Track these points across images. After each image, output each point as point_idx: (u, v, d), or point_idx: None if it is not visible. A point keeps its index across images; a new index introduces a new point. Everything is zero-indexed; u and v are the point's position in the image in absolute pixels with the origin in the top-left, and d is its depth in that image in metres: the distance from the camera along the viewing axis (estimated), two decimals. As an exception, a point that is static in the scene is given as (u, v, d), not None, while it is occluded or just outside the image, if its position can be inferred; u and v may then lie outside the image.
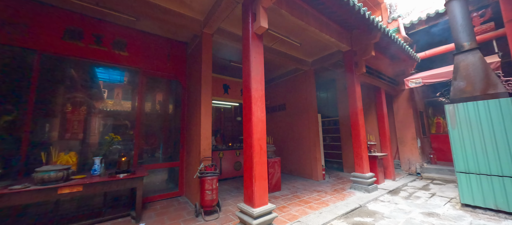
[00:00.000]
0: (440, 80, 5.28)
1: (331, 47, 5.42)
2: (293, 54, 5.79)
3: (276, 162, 4.77)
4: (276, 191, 4.68)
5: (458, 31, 3.90)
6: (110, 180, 2.81)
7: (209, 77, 3.85)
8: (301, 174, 6.27)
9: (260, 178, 2.62)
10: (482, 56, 3.59)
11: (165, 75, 4.53)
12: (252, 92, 2.74)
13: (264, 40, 4.97)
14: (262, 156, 2.69)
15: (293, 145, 6.66)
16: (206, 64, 3.83)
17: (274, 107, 7.62)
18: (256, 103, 2.74)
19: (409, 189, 4.88)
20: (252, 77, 2.77)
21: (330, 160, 7.79)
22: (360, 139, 4.71)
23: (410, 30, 6.90)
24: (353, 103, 4.88)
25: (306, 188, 4.98)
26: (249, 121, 2.73)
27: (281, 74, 7.28)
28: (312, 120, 6.03)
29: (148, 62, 4.26)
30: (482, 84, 3.45)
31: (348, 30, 4.97)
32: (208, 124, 3.69)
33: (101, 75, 4.18)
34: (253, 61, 2.82)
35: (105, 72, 4.14)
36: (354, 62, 5.01)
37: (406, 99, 6.89)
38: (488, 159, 3.26)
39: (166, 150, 4.67)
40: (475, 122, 3.40)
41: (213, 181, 3.25)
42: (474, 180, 3.36)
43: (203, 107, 3.69)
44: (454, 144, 3.58)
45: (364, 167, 4.63)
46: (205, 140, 3.63)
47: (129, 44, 4.05)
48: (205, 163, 3.48)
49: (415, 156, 6.56)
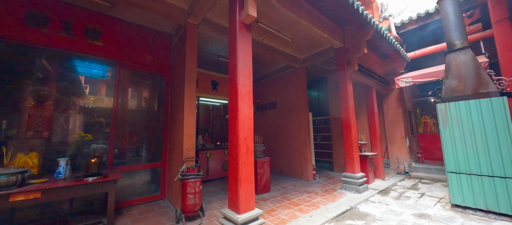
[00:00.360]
0: (429, 79, 5.28)
1: (323, 44, 5.27)
2: (285, 50, 5.59)
3: (266, 162, 4.56)
4: (265, 192, 4.47)
5: (450, 30, 3.85)
6: (76, 185, 2.47)
7: (193, 72, 3.55)
8: (292, 174, 6.11)
9: (246, 180, 2.39)
10: (473, 55, 3.55)
11: (146, 69, 4.17)
12: (239, 87, 2.49)
13: (254, 34, 4.73)
14: (249, 157, 2.46)
15: (283, 144, 6.49)
16: (190, 57, 3.54)
17: (265, 105, 7.41)
18: (243, 99, 2.50)
19: (399, 188, 4.85)
20: (238, 70, 2.52)
21: (320, 160, 7.70)
22: (351, 138, 4.59)
23: (400, 29, 6.91)
24: (345, 102, 4.76)
25: (296, 188, 4.81)
26: (235, 118, 2.49)
27: (272, 71, 7.07)
28: (303, 119, 5.87)
29: (126, 54, 3.89)
30: (473, 83, 3.40)
31: (340, 26, 4.84)
32: (191, 122, 3.41)
33: (82, 69, 3.80)
34: (240, 53, 2.57)
35: (85, 66, 3.74)
36: (346, 60, 4.88)
37: (395, 98, 6.90)
38: (478, 159, 3.21)
39: (150, 150, 4.32)
40: (466, 121, 3.35)
41: (196, 184, 2.98)
42: (464, 180, 3.32)
43: (186, 104, 3.40)
44: (445, 144, 3.52)
45: (355, 167, 4.53)
46: (189, 139, 3.35)
47: (104, 33, 3.66)
48: (187, 164, 3.20)
49: (404, 155, 6.59)
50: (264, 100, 7.47)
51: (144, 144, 4.30)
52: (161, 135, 4.24)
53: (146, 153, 4.25)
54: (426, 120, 7.67)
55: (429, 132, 7.48)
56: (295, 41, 5.10)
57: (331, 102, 7.31)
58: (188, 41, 3.52)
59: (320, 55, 5.64)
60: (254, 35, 4.75)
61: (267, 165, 4.58)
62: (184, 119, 3.35)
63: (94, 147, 3.60)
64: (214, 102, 7.43)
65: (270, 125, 7.09)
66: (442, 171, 5.83)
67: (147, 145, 4.28)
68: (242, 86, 2.52)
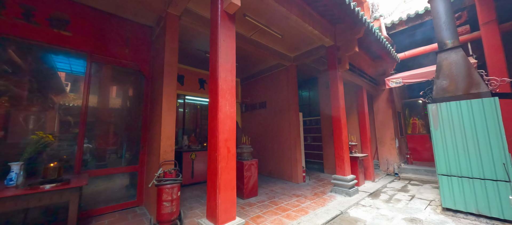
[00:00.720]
0: (420, 80, 5.24)
1: (314, 42, 5.10)
2: (275, 48, 5.38)
3: (253, 164, 4.32)
4: (252, 196, 4.23)
5: (441, 29, 3.78)
6: (28, 194, 2.12)
7: (173, 66, 3.26)
8: (281, 176, 5.91)
9: (227, 187, 2.14)
10: (464, 54, 3.48)
11: (123, 64, 3.82)
12: (220, 83, 2.24)
13: (242, 29, 4.49)
14: (230, 161, 2.20)
15: (273, 145, 6.28)
16: (171, 51, 3.24)
17: (255, 105, 7.17)
18: (224, 97, 2.25)
19: (389, 191, 4.75)
20: (220, 64, 2.27)
21: (311, 161, 7.56)
22: (342, 139, 4.45)
23: (390, 30, 6.89)
24: (336, 101, 4.61)
25: (285, 192, 4.61)
26: (215, 117, 2.23)
27: (262, 70, 6.85)
28: (293, 119, 5.69)
29: (99, 47, 3.53)
30: (465, 83, 3.33)
31: (332, 23, 4.69)
32: (170, 121, 3.11)
33: (61, 65, 3.42)
34: (222, 45, 2.32)
35: (58, 59, 3.35)
36: (338, 58, 4.74)
37: (386, 99, 6.87)
38: (470, 161, 3.13)
39: (128, 152, 3.96)
40: (457, 122, 3.27)
41: (173, 190, 2.69)
42: (455, 183, 3.23)
43: (165, 101, 3.10)
44: (437, 145, 3.43)
45: (346, 169, 4.38)
46: (167, 140, 3.05)
47: (73, 22, 3.29)
48: (165, 168, 2.90)
49: (393, 156, 6.56)
50: (253, 100, 7.24)
51: (122, 146, 3.94)
52: (140, 135, 3.90)
53: (123, 155, 3.90)
54: (414, 121, 7.71)
55: (418, 133, 7.52)
56: (285, 38, 4.90)
57: (322, 102, 7.18)
58: (168, 32, 3.22)
59: (311, 53, 5.47)
60: (242, 30, 4.51)
61: (254, 167, 4.34)
62: (162, 118, 3.05)
63: (52, 149, 3.21)
64: (202, 101, 7.11)
65: (260, 125, 6.86)
66: (430, 172, 5.82)
67: (124, 147, 3.92)
68: (223, 82, 2.27)
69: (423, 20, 6.19)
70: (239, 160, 4.28)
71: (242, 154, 4.35)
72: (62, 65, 3.45)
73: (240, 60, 6.07)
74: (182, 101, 6.58)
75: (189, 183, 5.27)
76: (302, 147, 5.79)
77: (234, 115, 2.33)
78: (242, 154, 4.35)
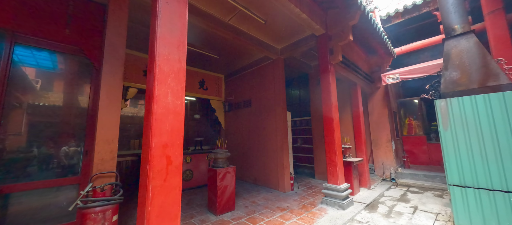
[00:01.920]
0: (420, 75, 4.71)
1: (303, 30, 4.47)
2: (258, 37, 4.72)
3: (229, 172, 3.61)
4: (228, 212, 3.51)
5: (448, 12, 3.23)
6: None
7: (118, 49, 2.53)
8: (267, 183, 5.22)
9: (164, 219, 1.42)
10: (478, 41, 2.93)
11: (62, 48, 3.02)
12: (158, 62, 1.53)
13: (219, 12, 3.81)
14: (172, 177, 1.49)
15: (258, 148, 5.59)
16: (115, 28, 2.52)
17: (239, 103, 6.47)
18: (165, 82, 1.54)
19: (388, 201, 4.15)
20: (158, 35, 1.56)
21: (301, 165, 6.92)
22: (334, 142, 3.82)
23: (386, 23, 6.39)
24: (327, 98, 3.98)
25: (269, 204, 3.92)
26: (149, 112, 1.51)
27: (247, 65, 6.17)
28: (280, 119, 5.03)
29: (26, 24, 2.73)
30: (480, 75, 2.76)
31: (322, 8, 4.08)
32: (112, 120, 2.37)
33: (26, 59, 2.66)
34: (164, 9, 1.61)
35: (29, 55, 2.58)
36: (329, 49, 4.12)
37: (381, 98, 6.34)
38: (489, 169, 2.55)
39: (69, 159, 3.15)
40: (472, 121, 2.69)
41: (105, 215, 1.94)
42: (471, 196, 2.64)
43: (104, 94, 2.37)
44: (447, 150, 2.84)
45: (338, 176, 3.75)
46: (105, 145, 2.31)
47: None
48: (97, 183, 2.14)
49: (390, 159, 6.01)
50: (238, 98, 6.53)
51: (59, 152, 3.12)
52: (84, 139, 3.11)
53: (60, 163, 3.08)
54: (410, 122, 7.24)
55: (414, 134, 7.04)
56: (270, 25, 4.24)
57: (313, 101, 6.56)
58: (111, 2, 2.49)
59: (299, 44, 4.84)
60: (218, 13, 3.82)
61: (231, 175, 3.63)
62: (98, 115, 2.30)
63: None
64: (180, 99, 6.34)
65: (245, 126, 6.16)
66: (430, 178, 5.30)
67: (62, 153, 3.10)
68: (164, 61, 1.56)
69: (420, 11, 5.71)
70: (213, 168, 3.56)
71: (217, 160, 3.63)
72: (52, 64, 2.70)
73: (222, 52, 5.37)
74: (121, 93, 5.78)
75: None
76: (290, 150, 5.14)
77: (182, 110, 1.62)
78: (217, 160, 3.63)
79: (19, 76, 2.84)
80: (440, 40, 5.48)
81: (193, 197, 4.45)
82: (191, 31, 4.29)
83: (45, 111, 3.11)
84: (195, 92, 6.25)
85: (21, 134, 2.85)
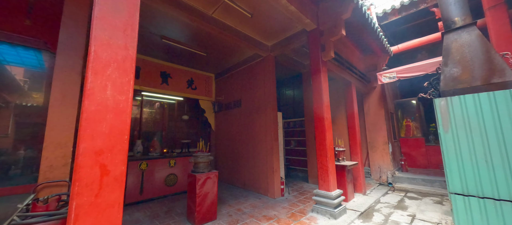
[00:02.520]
0: (417, 74, 4.44)
1: (293, 26, 4.20)
2: (246, 33, 4.44)
3: (211, 178, 3.30)
4: (208, 222, 3.20)
5: (448, 3, 2.97)
6: None
7: (79, 39, 2.22)
8: (256, 188, 4.91)
9: (92, 244, 1.11)
10: (480, 34, 2.67)
11: (20, 40, 2.72)
12: (94, 48, 1.23)
13: (201, 5, 3.53)
14: (107, 193, 1.18)
15: (248, 151, 5.29)
16: (73, 15, 2.21)
17: (229, 104, 6.18)
18: (102, 73, 1.24)
19: (384, 208, 3.86)
20: (96, 14, 1.26)
21: (294, 168, 6.62)
22: (326, 143, 3.53)
23: (382, 20, 6.14)
24: (318, 97, 3.70)
25: (255, 212, 3.61)
26: (84, 111, 1.21)
27: (237, 63, 5.89)
28: (270, 120, 4.73)
29: (-25, 11, 2.43)
30: (483, 71, 2.49)
31: (313, 1, 3.81)
32: (66, 118, 2.06)
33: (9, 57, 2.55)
34: (106, -15, 1.32)
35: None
36: (321, 45, 3.85)
37: (377, 98, 6.08)
38: (495, 176, 2.27)
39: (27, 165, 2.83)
40: (475, 121, 2.41)
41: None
42: (475, 206, 2.35)
43: (55, 89, 2.05)
44: (448, 154, 2.56)
45: (330, 182, 3.45)
46: (56, 149, 2.00)
47: None
48: (43, 194, 1.83)
49: (387, 162, 5.73)
50: (228, 98, 6.24)
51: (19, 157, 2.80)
52: (44, 141, 2.79)
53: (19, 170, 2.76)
54: (408, 123, 6.98)
55: (412, 136, 6.78)
56: (257, 18, 3.96)
57: (307, 102, 6.28)
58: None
59: (290, 41, 4.57)
60: (200, 4, 3.54)
61: (213, 181, 3.32)
62: (48, 114, 1.99)
63: None
64: (167, 99, 6.04)
65: (235, 128, 5.86)
66: (429, 182, 5.02)
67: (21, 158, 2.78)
68: (102, 47, 1.26)
69: (418, 8, 5.47)
70: (192, 173, 3.25)
71: (197, 165, 3.32)
72: (38, 63, 2.42)
73: (209, 49, 5.09)
74: (140, 99, 5.48)
75: (136, 200, 4.17)
76: (282, 153, 4.85)
77: (127, 107, 1.32)
78: (197, 165, 3.32)
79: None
80: (439, 38, 5.24)
81: (175, 205, 4.13)
82: (173, 25, 4.01)
83: (4, 114, 2.79)
84: (183, 91, 5.95)
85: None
